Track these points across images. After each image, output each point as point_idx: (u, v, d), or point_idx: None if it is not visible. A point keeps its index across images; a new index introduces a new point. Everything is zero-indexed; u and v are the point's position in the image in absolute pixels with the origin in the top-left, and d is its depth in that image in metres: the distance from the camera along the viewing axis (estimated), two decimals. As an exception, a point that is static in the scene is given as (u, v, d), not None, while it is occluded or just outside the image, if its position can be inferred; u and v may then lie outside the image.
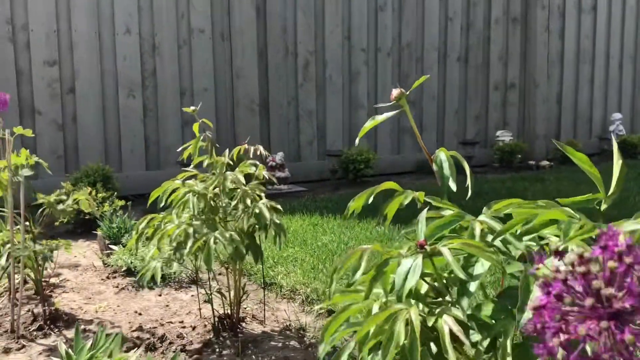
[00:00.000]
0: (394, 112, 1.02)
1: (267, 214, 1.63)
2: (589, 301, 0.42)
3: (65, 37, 3.94)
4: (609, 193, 0.88)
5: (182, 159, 1.82)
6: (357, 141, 1.10)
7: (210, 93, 4.41)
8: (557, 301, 0.43)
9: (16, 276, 1.99)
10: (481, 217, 0.82)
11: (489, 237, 0.76)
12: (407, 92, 1.05)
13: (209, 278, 2.24)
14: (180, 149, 1.85)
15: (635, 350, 0.41)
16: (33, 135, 2.01)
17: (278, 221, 1.69)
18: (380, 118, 1.00)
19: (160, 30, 4.21)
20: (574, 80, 6.19)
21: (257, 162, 1.83)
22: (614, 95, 6.49)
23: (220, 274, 2.43)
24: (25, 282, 2.18)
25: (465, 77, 5.58)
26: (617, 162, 0.87)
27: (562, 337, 0.42)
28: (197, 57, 4.35)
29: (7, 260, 1.95)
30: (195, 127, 1.79)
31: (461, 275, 0.68)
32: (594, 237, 0.84)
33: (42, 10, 3.84)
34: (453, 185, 0.99)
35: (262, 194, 1.72)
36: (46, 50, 3.88)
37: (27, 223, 2.02)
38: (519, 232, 0.77)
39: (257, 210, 1.66)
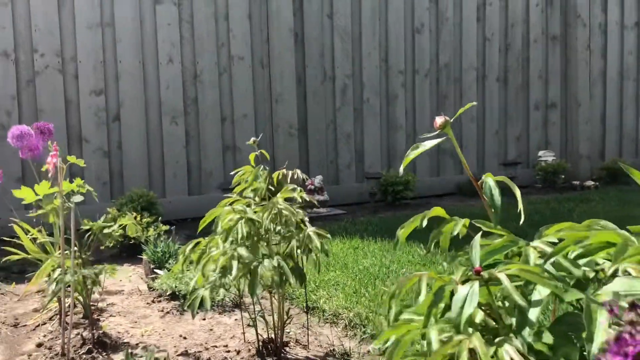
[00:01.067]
0: (440, 140, 1.02)
1: (317, 241, 1.64)
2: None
3: (111, 68, 4.08)
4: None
5: (233, 185, 1.87)
6: (401, 170, 1.08)
7: (249, 119, 4.48)
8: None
9: (66, 300, 2.04)
10: (535, 243, 0.80)
11: (546, 266, 0.75)
12: (451, 120, 1.05)
13: (252, 302, 2.25)
14: (232, 172, 1.90)
15: None
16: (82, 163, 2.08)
17: (326, 247, 1.71)
18: (427, 145, 1.00)
19: (201, 58, 4.32)
20: (618, 98, 6.05)
21: (296, 187, 1.86)
22: (660, 112, 6.31)
23: (263, 298, 2.44)
24: (74, 305, 2.23)
25: (504, 97, 5.52)
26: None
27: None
28: (237, 84, 4.44)
29: (57, 284, 2.00)
30: (252, 157, 1.86)
31: (521, 302, 0.67)
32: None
33: (90, 43, 4.00)
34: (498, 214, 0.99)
35: (306, 219, 1.74)
36: (93, 80, 4.03)
37: (76, 248, 2.07)
38: (573, 255, 0.75)
39: (307, 237, 1.68)
